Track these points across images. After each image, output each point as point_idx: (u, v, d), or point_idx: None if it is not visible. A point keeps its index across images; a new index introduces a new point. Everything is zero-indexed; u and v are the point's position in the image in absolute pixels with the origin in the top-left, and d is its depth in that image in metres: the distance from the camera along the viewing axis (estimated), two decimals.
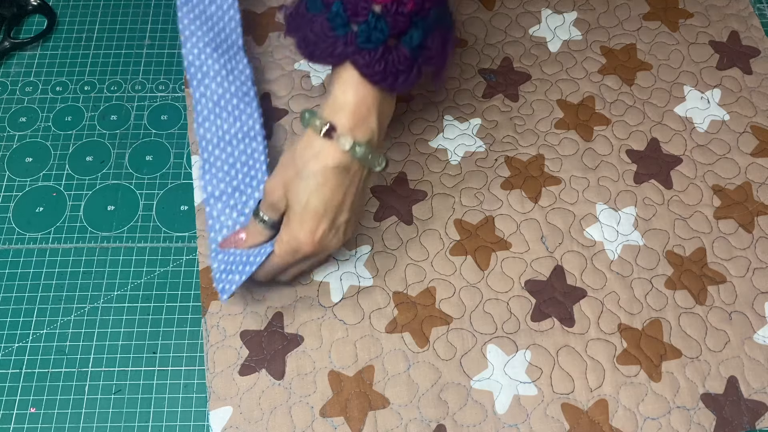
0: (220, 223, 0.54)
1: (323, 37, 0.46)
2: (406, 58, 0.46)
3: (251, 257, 0.50)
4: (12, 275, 0.56)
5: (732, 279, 0.56)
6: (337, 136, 0.47)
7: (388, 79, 0.46)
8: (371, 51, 0.45)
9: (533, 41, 0.68)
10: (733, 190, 0.60)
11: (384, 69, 0.46)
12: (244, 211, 0.54)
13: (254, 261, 0.50)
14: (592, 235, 0.58)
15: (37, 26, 0.69)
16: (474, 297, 0.55)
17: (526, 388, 0.52)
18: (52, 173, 0.61)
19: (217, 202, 0.55)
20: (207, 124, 0.57)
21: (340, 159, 0.47)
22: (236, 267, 0.50)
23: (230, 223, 0.54)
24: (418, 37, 0.46)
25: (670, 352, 0.53)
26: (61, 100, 0.64)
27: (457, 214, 0.59)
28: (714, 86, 0.66)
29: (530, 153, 0.62)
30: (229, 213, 0.54)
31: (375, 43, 0.45)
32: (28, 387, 0.52)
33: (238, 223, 0.54)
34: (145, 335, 0.54)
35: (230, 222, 0.54)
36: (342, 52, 0.46)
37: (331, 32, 0.46)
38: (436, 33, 0.47)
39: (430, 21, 0.46)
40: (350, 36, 0.45)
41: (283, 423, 0.50)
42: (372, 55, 0.45)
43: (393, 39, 0.46)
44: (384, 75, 0.46)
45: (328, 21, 0.46)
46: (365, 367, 0.52)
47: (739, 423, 0.51)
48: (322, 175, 0.47)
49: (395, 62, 0.46)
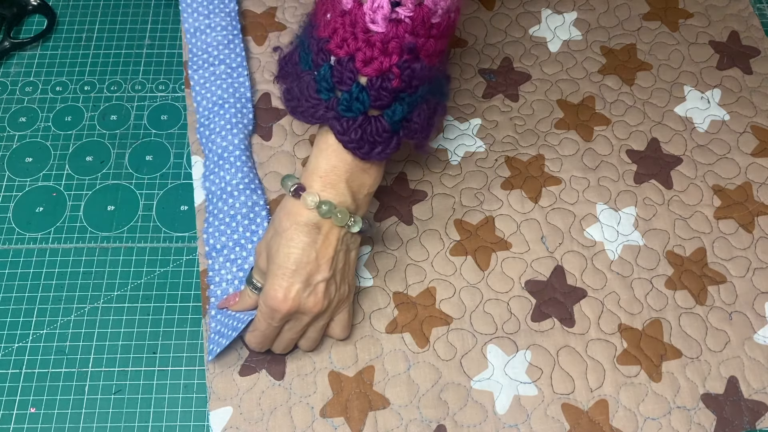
0: (220, 276, 0.55)
1: (307, 96, 0.47)
2: (385, 130, 0.47)
3: (237, 322, 0.51)
4: (12, 275, 0.56)
5: (732, 279, 0.56)
6: (304, 195, 0.47)
7: (364, 147, 0.47)
8: (349, 119, 0.46)
9: (533, 41, 0.68)
10: (733, 190, 0.60)
11: (360, 138, 0.46)
12: (243, 266, 0.55)
13: (238, 327, 0.50)
14: (593, 236, 0.58)
15: (37, 26, 0.69)
16: (474, 297, 0.55)
17: (527, 389, 0.52)
18: (52, 173, 0.61)
19: (219, 256, 0.55)
20: (212, 177, 0.58)
21: (308, 216, 0.47)
22: (226, 330, 0.51)
23: (230, 277, 0.54)
24: (401, 112, 0.46)
25: (671, 353, 0.53)
26: (61, 100, 0.64)
27: (457, 215, 0.59)
28: (714, 86, 0.66)
29: (530, 153, 0.62)
30: (230, 267, 0.55)
31: (355, 113, 0.46)
32: (28, 387, 0.52)
33: (237, 278, 0.54)
34: (145, 335, 0.54)
35: (230, 276, 0.55)
36: (322, 116, 0.46)
37: (315, 94, 0.46)
38: (423, 107, 0.48)
39: (417, 97, 0.47)
40: (333, 101, 0.46)
41: (283, 423, 0.50)
42: (350, 124, 0.46)
43: (375, 110, 0.46)
44: (360, 144, 0.46)
45: (315, 82, 0.46)
46: (365, 367, 0.52)
47: (739, 423, 0.51)
48: (292, 232, 0.47)
49: (373, 133, 0.46)
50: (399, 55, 0.44)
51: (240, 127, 0.60)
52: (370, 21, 0.43)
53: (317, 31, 0.46)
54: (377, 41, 0.44)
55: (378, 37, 0.44)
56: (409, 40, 0.44)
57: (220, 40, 0.64)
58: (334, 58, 0.45)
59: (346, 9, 0.44)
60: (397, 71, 0.44)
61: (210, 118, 0.61)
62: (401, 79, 0.45)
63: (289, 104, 0.49)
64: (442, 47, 0.46)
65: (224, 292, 0.54)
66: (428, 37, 0.45)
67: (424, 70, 0.45)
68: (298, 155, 0.61)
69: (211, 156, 0.59)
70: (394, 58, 0.44)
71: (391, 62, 0.44)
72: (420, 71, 0.45)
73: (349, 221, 0.48)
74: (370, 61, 0.44)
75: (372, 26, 0.43)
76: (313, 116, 0.47)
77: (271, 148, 0.61)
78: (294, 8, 0.70)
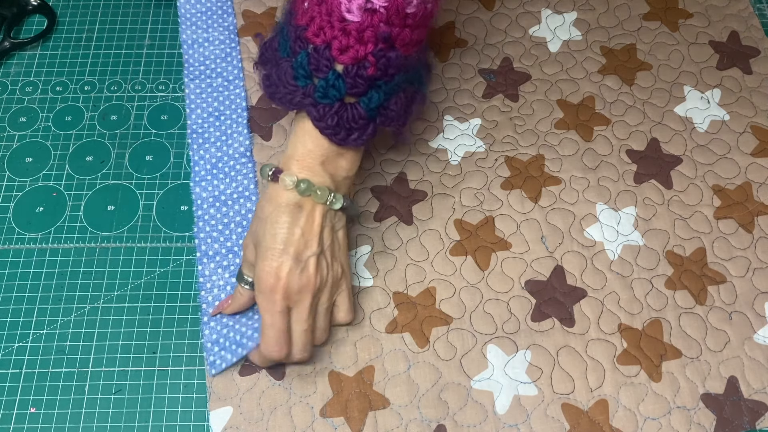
0: (212, 282, 0.55)
1: (285, 83, 0.48)
2: (361, 117, 0.48)
3: (243, 338, 0.51)
4: (12, 275, 0.56)
5: (732, 279, 0.56)
6: (282, 177, 0.48)
7: (340, 133, 0.48)
8: (326, 106, 0.47)
9: (533, 41, 0.68)
10: (733, 190, 0.60)
11: (336, 124, 0.48)
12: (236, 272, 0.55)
13: (246, 344, 0.51)
14: (592, 235, 0.58)
15: (37, 26, 0.69)
16: (474, 297, 0.55)
17: (527, 389, 0.52)
18: (52, 173, 0.61)
19: (210, 262, 0.55)
20: (204, 184, 0.59)
21: (288, 197, 0.48)
22: (229, 344, 0.52)
23: (222, 283, 0.55)
24: (378, 100, 0.48)
25: (671, 352, 0.53)
26: (61, 100, 0.64)
27: (457, 214, 0.59)
28: (714, 86, 0.66)
29: (530, 153, 0.62)
30: (222, 273, 0.55)
31: (331, 99, 0.47)
32: (28, 387, 0.52)
33: (230, 284, 0.55)
34: (145, 335, 0.54)
35: (222, 282, 0.55)
36: (299, 102, 0.48)
37: (293, 80, 0.47)
38: (400, 95, 0.49)
39: (394, 85, 0.48)
40: (310, 88, 0.47)
41: (283, 423, 0.50)
42: (326, 110, 0.47)
43: (351, 97, 0.47)
44: (336, 130, 0.48)
45: (293, 69, 0.47)
46: (365, 367, 0.52)
47: (739, 423, 0.51)
48: (275, 215, 0.48)
49: (349, 119, 0.48)
50: (374, 43, 0.45)
51: (235, 137, 0.61)
52: (346, 10, 0.45)
53: (295, 19, 0.48)
54: (353, 30, 0.45)
55: (353, 26, 0.45)
56: (383, 29, 0.45)
57: (218, 54, 0.65)
58: (311, 45, 0.46)
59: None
60: (373, 59, 0.46)
61: (204, 127, 0.61)
62: (377, 68, 0.46)
63: (267, 90, 0.50)
64: (418, 37, 0.47)
65: (216, 297, 0.54)
66: (403, 26, 0.46)
67: (399, 59, 0.47)
68: None
69: (202, 164, 0.59)
70: (369, 47, 0.45)
71: (367, 50, 0.45)
72: (395, 60, 0.46)
73: (329, 197, 0.49)
74: (346, 49, 0.45)
75: (347, 15, 0.45)
76: (291, 102, 0.48)
77: (272, 148, 0.61)
78: None
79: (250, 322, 0.52)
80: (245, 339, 0.52)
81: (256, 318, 0.52)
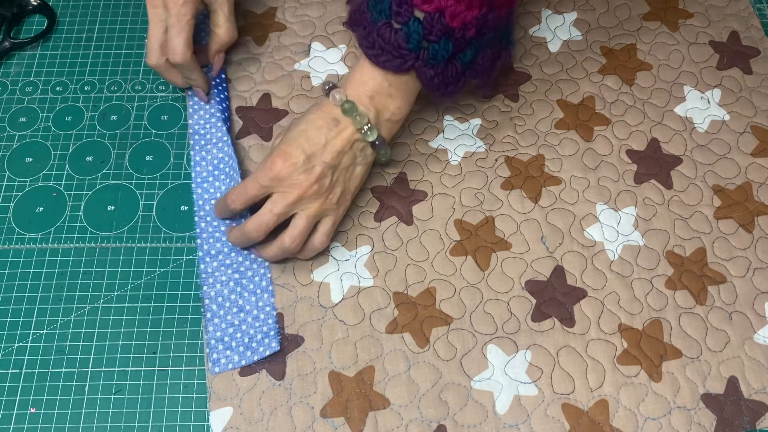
0: (214, 278, 0.55)
1: (396, 47, 0.51)
2: (457, 72, 0.53)
3: (253, 342, 0.52)
4: (12, 275, 0.56)
5: (732, 279, 0.56)
6: (333, 92, 0.53)
7: (441, 88, 0.53)
8: (435, 66, 0.51)
9: (533, 41, 0.68)
10: (733, 190, 0.60)
11: (440, 81, 0.52)
12: (239, 269, 0.55)
13: (257, 350, 0.52)
14: (593, 236, 0.58)
15: (37, 26, 0.69)
16: (474, 297, 0.55)
17: (527, 389, 0.52)
18: (52, 173, 0.61)
19: (213, 261, 0.55)
20: (205, 185, 0.59)
21: (331, 110, 0.53)
22: (236, 345, 0.52)
23: (224, 279, 0.55)
24: (471, 55, 0.52)
25: (671, 353, 0.53)
26: (61, 100, 0.64)
27: (457, 215, 0.59)
28: (714, 86, 0.66)
29: (530, 153, 0.62)
30: (224, 270, 0.55)
31: (440, 61, 0.51)
32: (28, 387, 0.52)
33: (233, 279, 0.55)
34: (145, 335, 0.54)
35: (224, 278, 0.55)
36: (412, 65, 0.51)
37: (405, 45, 0.50)
38: (487, 51, 0.53)
39: (484, 41, 0.52)
40: (423, 53, 0.51)
41: (283, 423, 0.50)
42: (435, 70, 0.52)
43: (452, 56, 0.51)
44: (439, 86, 0.53)
45: (405, 35, 0.50)
46: (365, 367, 0.52)
47: (739, 423, 0.51)
48: (314, 117, 0.53)
49: (449, 75, 0.52)
50: (479, 8, 0.49)
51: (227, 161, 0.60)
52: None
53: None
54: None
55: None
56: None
57: None
58: (421, 12, 0.49)
59: None
60: (474, 21, 0.50)
61: (206, 128, 0.61)
62: (476, 28, 0.50)
63: (370, 52, 0.52)
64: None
65: (218, 293, 0.54)
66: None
67: (494, 20, 0.51)
68: None
69: (204, 165, 0.60)
70: (475, 12, 0.49)
71: (473, 15, 0.49)
72: (491, 21, 0.51)
73: (366, 126, 0.53)
74: (457, 15, 0.49)
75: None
76: (403, 65, 0.51)
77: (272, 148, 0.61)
78: (294, 8, 0.70)
79: (257, 324, 0.53)
80: (255, 343, 0.52)
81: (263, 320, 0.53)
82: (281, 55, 0.67)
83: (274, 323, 0.53)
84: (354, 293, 0.55)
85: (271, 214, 0.52)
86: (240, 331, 0.53)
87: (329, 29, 0.68)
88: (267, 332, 0.53)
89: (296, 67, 0.66)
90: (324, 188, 0.52)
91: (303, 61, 0.67)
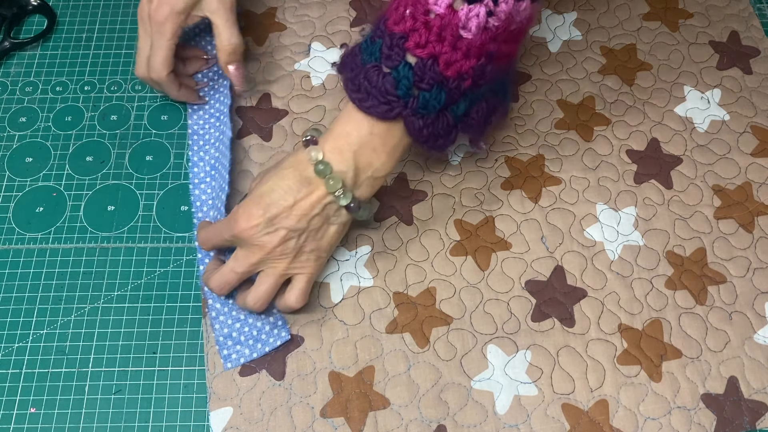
0: None
1: (383, 93, 0.47)
2: (448, 124, 0.49)
3: (262, 334, 0.52)
4: (12, 275, 0.56)
5: (732, 279, 0.56)
6: (310, 149, 0.49)
7: (430, 140, 0.49)
8: (425, 116, 0.48)
9: (533, 41, 0.68)
10: (733, 190, 0.60)
11: (430, 132, 0.48)
12: None
13: (267, 341, 0.52)
14: (593, 236, 0.58)
15: (37, 26, 0.69)
16: (474, 297, 0.55)
17: (527, 389, 0.52)
18: (52, 173, 0.61)
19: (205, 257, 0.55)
20: (203, 186, 0.59)
21: (305, 167, 0.49)
22: (245, 339, 0.52)
23: None
24: (465, 108, 0.49)
25: (671, 353, 0.53)
26: (61, 100, 0.64)
27: (457, 215, 0.59)
28: (714, 86, 0.66)
29: (530, 153, 0.62)
30: None
31: (431, 111, 0.47)
32: (28, 387, 0.52)
33: None
34: (145, 335, 0.54)
35: None
36: (399, 113, 0.47)
37: (394, 91, 0.47)
38: (482, 104, 0.50)
39: (479, 94, 0.49)
40: (412, 101, 0.47)
41: (283, 423, 0.50)
42: (425, 120, 0.48)
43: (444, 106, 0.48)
44: (428, 137, 0.49)
45: (394, 79, 0.46)
46: (365, 367, 0.52)
47: (739, 423, 0.51)
48: (286, 173, 0.50)
49: (440, 127, 0.49)
50: (478, 59, 0.46)
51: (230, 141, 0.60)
52: (462, 27, 0.44)
53: (388, 24, 0.47)
54: (463, 46, 0.45)
55: (465, 43, 0.45)
56: (490, 47, 0.45)
57: None
58: (413, 57, 0.46)
59: (437, 12, 0.44)
60: (471, 72, 0.46)
61: (205, 128, 0.61)
62: (473, 79, 0.47)
63: (355, 96, 0.48)
64: (511, 50, 0.48)
65: None
66: (503, 41, 0.46)
67: (492, 71, 0.47)
68: None
69: (202, 165, 0.59)
70: (473, 62, 0.46)
71: (470, 65, 0.46)
72: (489, 72, 0.47)
73: (339, 191, 0.49)
74: (452, 63, 0.45)
75: (462, 32, 0.44)
76: (389, 113, 0.47)
77: (272, 148, 0.61)
78: (294, 8, 0.70)
79: (263, 316, 0.53)
80: (264, 335, 0.52)
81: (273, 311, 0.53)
82: (281, 55, 0.67)
83: (280, 314, 0.53)
84: (354, 293, 0.55)
85: (233, 273, 0.50)
86: (247, 324, 0.53)
87: (329, 29, 0.68)
88: (275, 323, 0.53)
89: (296, 67, 0.66)
90: (289, 250, 0.50)
91: (303, 61, 0.67)
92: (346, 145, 0.49)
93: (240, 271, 0.50)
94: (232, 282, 0.51)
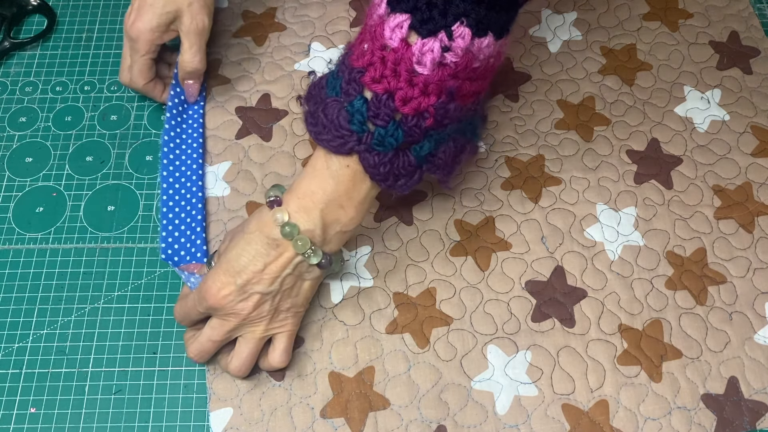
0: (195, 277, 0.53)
1: (337, 126, 0.46)
2: (410, 164, 0.47)
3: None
4: (12, 275, 0.56)
5: (732, 279, 0.56)
6: (275, 211, 0.48)
7: (389, 179, 0.47)
8: (381, 153, 0.46)
9: (533, 41, 0.68)
10: (733, 190, 0.60)
11: (388, 171, 0.47)
12: None
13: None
14: (593, 236, 0.58)
15: (37, 26, 0.69)
16: (474, 297, 0.55)
17: (527, 389, 0.52)
18: (52, 173, 0.61)
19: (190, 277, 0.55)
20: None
21: (271, 231, 0.48)
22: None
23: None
24: (429, 148, 0.47)
25: (671, 353, 0.53)
26: (61, 100, 0.64)
27: (457, 215, 0.59)
28: (714, 86, 0.66)
29: (530, 153, 0.62)
30: None
31: (387, 148, 0.46)
32: (28, 387, 0.52)
33: None
34: (145, 335, 0.54)
35: None
36: (352, 148, 0.46)
37: (347, 125, 0.45)
38: (449, 144, 0.48)
39: (444, 134, 0.47)
40: (367, 136, 0.45)
41: (283, 424, 0.50)
42: (381, 158, 0.46)
43: (404, 145, 0.46)
44: (386, 176, 0.47)
45: (348, 114, 0.45)
46: (366, 367, 0.52)
47: (739, 423, 0.51)
48: (253, 237, 0.48)
49: (400, 166, 0.47)
50: (438, 96, 0.44)
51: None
52: (417, 62, 0.43)
53: (350, 59, 0.46)
54: (420, 82, 0.44)
55: (421, 79, 0.44)
56: (450, 83, 0.44)
57: None
58: (369, 92, 0.45)
59: (392, 46, 0.43)
60: (432, 110, 0.45)
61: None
62: (434, 118, 0.45)
63: (313, 129, 0.48)
64: (478, 89, 0.47)
65: None
66: (466, 79, 0.45)
67: (457, 110, 0.46)
68: (299, 156, 0.61)
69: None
70: (432, 99, 0.44)
71: (429, 103, 0.44)
72: (453, 111, 0.46)
73: (308, 251, 0.48)
74: (409, 100, 0.44)
75: (418, 68, 0.43)
76: (342, 147, 0.46)
77: (272, 148, 0.61)
78: (294, 8, 0.70)
79: None
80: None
81: None
82: (281, 55, 0.67)
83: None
84: (354, 293, 0.55)
85: (211, 342, 0.49)
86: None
87: (329, 29, 0.68)
88: None
89: (296, 67, 0.66)
90: (265, 312, 0.49)
91: (303, 61, 0.67)
92: (312, 203, 0.47)
93: (217, 339, 0.49)
94: (211, 350, 0.50)
